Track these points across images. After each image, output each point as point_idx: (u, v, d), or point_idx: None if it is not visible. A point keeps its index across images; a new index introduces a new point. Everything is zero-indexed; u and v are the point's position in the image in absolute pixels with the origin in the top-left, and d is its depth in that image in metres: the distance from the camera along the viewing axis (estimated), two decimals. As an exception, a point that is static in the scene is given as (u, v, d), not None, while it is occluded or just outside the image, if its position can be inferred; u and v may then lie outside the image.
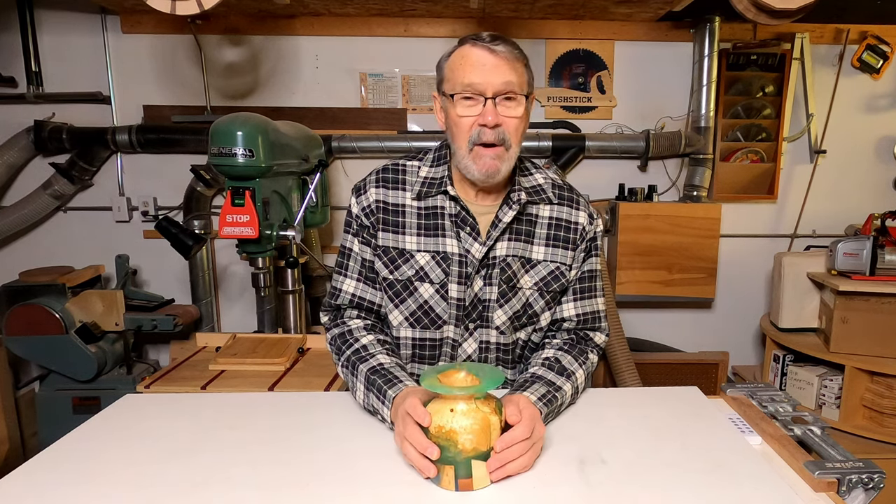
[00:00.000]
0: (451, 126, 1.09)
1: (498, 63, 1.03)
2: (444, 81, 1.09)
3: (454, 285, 1.13)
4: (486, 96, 1.03)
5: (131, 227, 2.75)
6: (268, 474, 0.86)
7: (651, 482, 0.84)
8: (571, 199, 1.19)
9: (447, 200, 1.14)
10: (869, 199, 2.79)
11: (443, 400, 0.85)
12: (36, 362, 2.36)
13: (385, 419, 1.00)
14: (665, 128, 2.72)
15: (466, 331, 1.15)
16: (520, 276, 1.15)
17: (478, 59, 1.03)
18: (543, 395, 1.01)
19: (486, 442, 0.82)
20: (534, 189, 1.17)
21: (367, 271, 1.19)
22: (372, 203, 1.16)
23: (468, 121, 1.05)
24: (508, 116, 1.05)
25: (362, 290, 1.19)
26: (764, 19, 1.88)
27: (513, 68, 1.03)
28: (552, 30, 2.64)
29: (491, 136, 1.04)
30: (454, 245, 1.13)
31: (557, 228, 1.17)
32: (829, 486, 0.83)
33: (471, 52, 1.04)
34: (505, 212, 1.13)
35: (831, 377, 2.26)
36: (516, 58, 1.05)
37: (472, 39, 1.05)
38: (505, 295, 1.14)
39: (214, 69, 2.64)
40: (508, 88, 1.03)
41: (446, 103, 1.08)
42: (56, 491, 0.82)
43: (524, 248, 1.15)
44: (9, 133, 2.57)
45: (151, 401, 1.13)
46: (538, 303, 1.17)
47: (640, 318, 2.87)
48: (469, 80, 1.03)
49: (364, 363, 1.08)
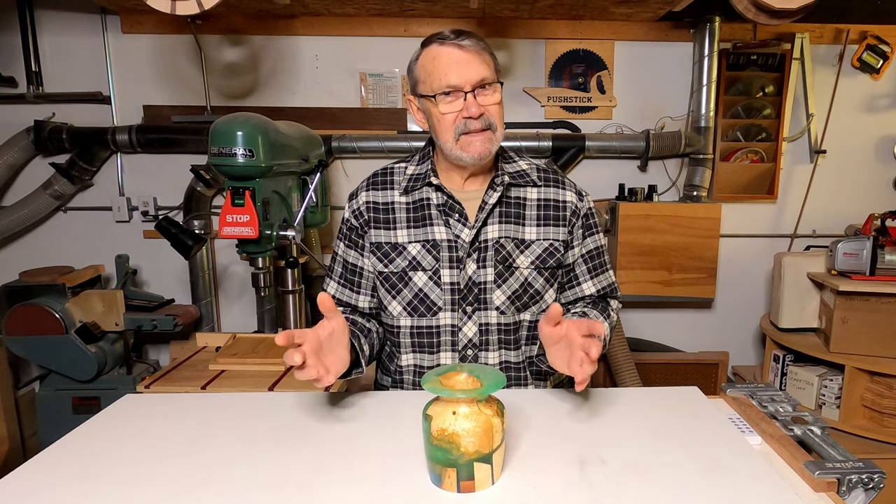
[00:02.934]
0: (434, 124, 1.14)
1: (469, 58, 1.09)
2: (418, 83, 1.15)
3: (446, 270, 1.17)
4: (465, 91, 1.09)
5: (131, 227, 2.75)
6: (268, 474, 0.86)
7: (651, 482, 0.84)
8: (557, 181, 1.24)
9: (433, 191, 1.19)
10: (869, 199, 2.79)
11: (445, 402, 0.85)
12: (36, 362, 2.36)
13: None
14: (665, 128, 2.72)
15: (465, 314, 1.18)
16: (515, 257, 1.19)
17: (449, 57, 1.09)
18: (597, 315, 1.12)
19: (488, 444, 0.82)
20: (518, 173, 1.23)
21: (348, 273, 1.26)
22: (362, 205, 1.22)
23: (451, 116, 1.11)
24: (489, 104, 1.11)
25: (339, 292, 1.27)
26: (764, 19, 1.88)
27: (483, 60, 1.10)
28: (552, 30, 2.64)
29: (478, 125, 1.10)
30: (443, 232, 1.18)
31: (546, 208, 1.22)
32: (829, 486, 0.83)
33: (440, 51, 1.10)
34: (490, 194, 1.18)
35: (831, 377, 2.26)
36: (483, 49, 1.11)
37: (438, 39, 1.11)
38: (502, 275, 1.18)
39: (214, 69, 2.64)
40: (484, 80, 1.09)
41: (426, 104, 1.14)
42: (56, 491, 0.82)
43: (516, 230, 1.20)
44: (9, 133, 2.57)
45: (151, 401, 1.13)
46: (538, 281, 1.21)
47: (640, 318, 2.87)
48: (446, 79, 1.08)
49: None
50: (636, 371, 2.47)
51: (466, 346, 1.20)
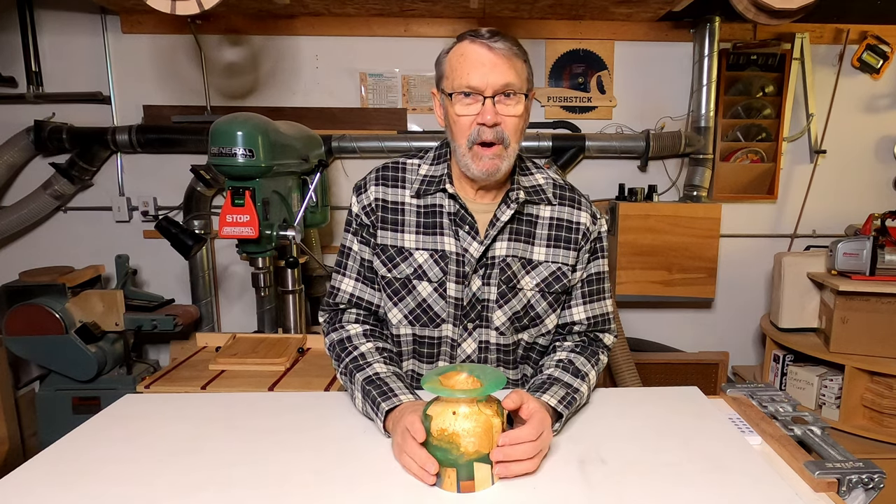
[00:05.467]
0: (450, 124, 1.08)
1: (497, 61, 1.01)
2: (443, 79, 1.08)
3: (452, 284, 1.12)
4: (484, 95, 1.02)
5: (131, 227, 2.75)
6: (268, 474, 0.86)
7: (651, 482, 0.84)
8: (573, 200, 1.18)
9: (446, 198, 1.14)
10: (869, 199, 2.79)
11: (444, 402, 0.85)
12: (36, 362, 2.36)
13: (379, 430, 0.99)
14: (665, 128, 2.72)
15: (465, 330, 1.15)
16: (520, 277, 1.14)
17: (476, 57, 1.02)
18: (563, 398, 1.00)
19: (488, 444, 0.82)
20: (533, 189, 1.17)
21: (367, 271, 1.18)
22: (372, 201, 1.16)
23: (467, 119, 1.04)
24: (507, 115, 1.04)
25: (360, 290, 1.19)
26: (764, 19, 1.88)
27: (511, 66, 1.02)
28: (552, 30, 2.64)
29: (489, 135, 1.03)
30: (452, 243, 1.12)
31: (559, 229, 1.16)
32: (829, 486, 0.83)
33: (469, 49, 1.03)
34: (503, 210, 1.12)
35: (831, 377, 2.26)
36: (515, 55, 1.03)
37: (470, 35, 1.04)
38: (504, 295, 1.13)
39: (214, 69, 2.64)
40: (507, 88, 1.02)
41: (445, 101, 1.08)
42: (56, 491, 0.82)
43: (524, 249, 1.15)
44: (9, 133, 2.57)
45: (151, 401, 1.13)
46: (540, 304, 1.16)
47: (640, 318, 2.87)
48: (467, 80, 1.02)
49: (360, 372, 1.07)
50: (636, 371, 2.47)
51: (464, 362, 1.17)
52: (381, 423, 0.98)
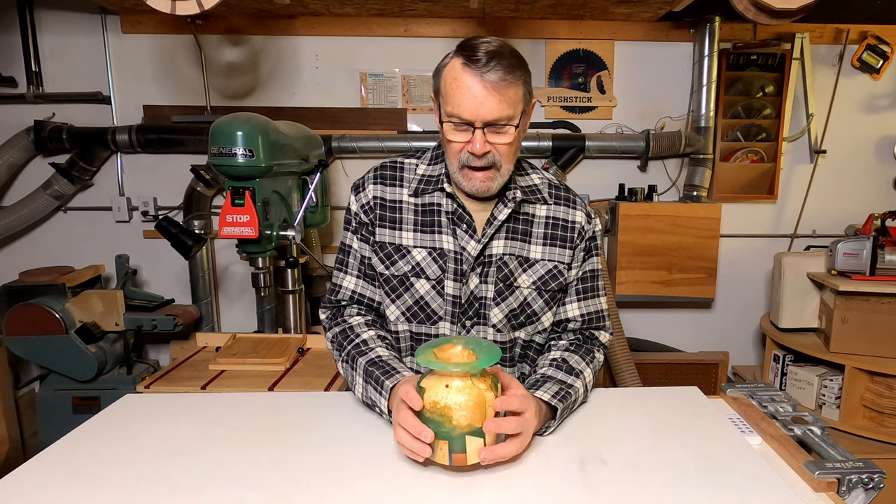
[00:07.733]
0: (443, 142, 1.10)
1: (488, 95, 0.99)
2: (439, 93, 1.08)
3: (450, 282, 1.14)
4: (475, 126, 1.01)
5: (131, 227, 2.75)
6: (268, 474, 0.86)
7: (651, 482, 0.84)
8: (568, 199, 1.20)
9: (444, 197, 1.15)
10: (869, 199, 2.79)
11: (438, 376, 0.85)
12: (36, 362, 2.36)
13: (383, 411, 1.00)
14: (665, 128, 2.72)
15: (463, 328, 1.16)
16: (517, 275, 1.15)
17: (468, 87, 0.99)
18: (557, 393, 1.01)
19: (480, 418, 0.83)
20: (530, 188, 1.18)
21: (367, 268, 1.20)
22: (370, 199, 1.17)
23: (457, 145, 1.05)
24: (498, 143, 1.04)
25: (362, 287, 1.20)
26: (764, 19, 1.88)
27: (503, 98, 1.00)
28: (552, 30, 2.64)
29: (479, 163, 1.04)
30: (450, 242, 1.14)
31: (555, 228, 1.18)
32: (829, 486, 0.83)
33: (462, 76, 1.00)
34: (500, 209, 1.14)
35: (831, 377, 2.26)
36: (509, 84, 1.00)
37: (465, 57, 1.00)
38: (502, 293, 1.15)
39: (214, 69, 2.64)
40: (497, 121, 1.01)
41: (440, 115, 1.08)
42: (56, 491, 0.82)
43: (521, 248, 1.16)
44: (9, 133, 2.57)
45: (151, 401, 1.13)
46: (537, 302, 1.17)
47: (640, 318, 2.87)
48: (458, 110, 1.01)
49: (363, 356, 1.09)
50: (636, 371, 2.47)
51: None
52: (385, 402, 0.99)
